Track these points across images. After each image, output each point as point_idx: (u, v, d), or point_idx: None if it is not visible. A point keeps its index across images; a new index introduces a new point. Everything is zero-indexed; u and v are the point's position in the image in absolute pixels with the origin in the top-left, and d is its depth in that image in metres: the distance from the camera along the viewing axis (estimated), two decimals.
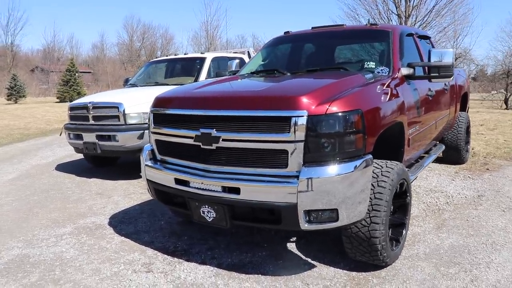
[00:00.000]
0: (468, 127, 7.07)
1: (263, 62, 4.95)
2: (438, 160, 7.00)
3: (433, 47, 5.92)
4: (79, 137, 6.81)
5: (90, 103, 6.74)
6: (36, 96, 43.06)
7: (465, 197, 5.25)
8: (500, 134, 10.20)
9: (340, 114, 2.86)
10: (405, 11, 25.39)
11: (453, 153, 6.73)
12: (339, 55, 4.73)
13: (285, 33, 5.28)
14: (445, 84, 5.58)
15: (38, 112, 20.95)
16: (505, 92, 29.01)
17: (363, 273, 3.32)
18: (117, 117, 6.41)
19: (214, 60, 8.19)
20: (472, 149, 8.08)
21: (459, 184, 5.82)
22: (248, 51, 10.14)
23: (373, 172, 3.13)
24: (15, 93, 33.21)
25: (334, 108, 2.85)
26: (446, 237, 4.00)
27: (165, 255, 3.73)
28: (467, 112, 7.49)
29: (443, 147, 6.34)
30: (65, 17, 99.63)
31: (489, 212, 4.65)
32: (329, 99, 2.91)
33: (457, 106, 6.44)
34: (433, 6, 25.19)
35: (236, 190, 3.01)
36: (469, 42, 37.40)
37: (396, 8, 25.88)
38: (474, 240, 3.92)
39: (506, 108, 29.86)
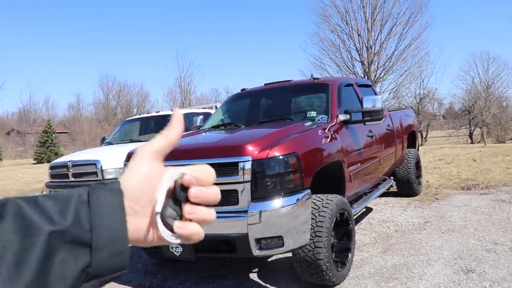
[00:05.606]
0: (417, 162, 7.75)
1: (222, 117, 5.62)
2: (394, 194, 7.68)
3: (375, 93, 6.70)
4: None
5: (69, 161, 7.25)
6: (13, 158, 43.01)
7: (413, 224, 5.87)
8: (455, 166, 11.02)
9: (279, 157, 3.49)
10: (368, 58, 26.93)
11: (406, 186, 7.38)
12: (287, 107, 5.41)
13: (241, 90, 6.01)
14: (388, 125, 6.30)
15: (15, 174, 21.09)
16: (469, 128, 30.58)
17: None
18: (95, 173, 6.93)
19: (184, 116, 8.84)
20: (427, 182, 8.81)
21: (409, 214, 6.45)
22: (215, 106, 10.91)
23: (314, 203, 3.74)
24: None
25: (274, 153, 3.48)
26: (390, 258, 4.57)
27: None
28: (417, 148, 8.24)
29: (392, 181, 6.99)
30: (41, 79, 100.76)
31: (430, 235, 5.26)
32: (269, 145, 3.55)
33: (404, 144, 7.16)
34: (393, 52, 26.88)
35: None
36: (435, 82, 39.60)
37: (359, 56, 27.40)
38: (413, 258, 4.50)
39: (472, 143, 31.36)
